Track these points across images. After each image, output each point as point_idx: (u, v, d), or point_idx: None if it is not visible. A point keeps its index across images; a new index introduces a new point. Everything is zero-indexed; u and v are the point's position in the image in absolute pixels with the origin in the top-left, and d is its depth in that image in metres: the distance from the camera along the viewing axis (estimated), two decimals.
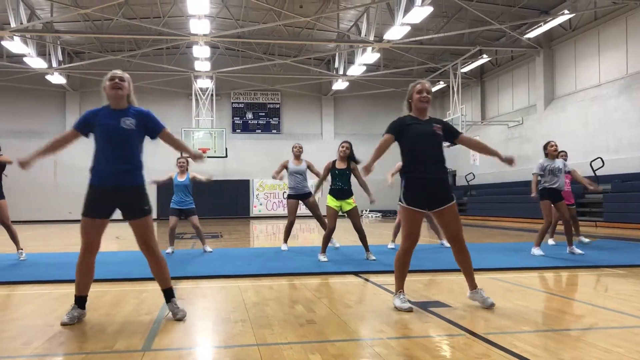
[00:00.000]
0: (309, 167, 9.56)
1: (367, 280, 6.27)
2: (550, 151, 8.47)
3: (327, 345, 3.55)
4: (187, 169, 9.40)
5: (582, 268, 7.13)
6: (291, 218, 9.77)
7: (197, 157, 4.78)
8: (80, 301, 4.33)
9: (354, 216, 8.14)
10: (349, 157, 8.18)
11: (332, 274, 6.76)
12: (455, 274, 6.42)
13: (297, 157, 9.60)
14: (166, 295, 4.42)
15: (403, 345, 3.53)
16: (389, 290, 5.54)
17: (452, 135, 4.85)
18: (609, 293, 5.54)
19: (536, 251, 8.32)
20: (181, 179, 9.32)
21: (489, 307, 4.57)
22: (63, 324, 4.13)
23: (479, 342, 3.57)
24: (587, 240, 10.29)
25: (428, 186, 4.60)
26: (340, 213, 8.11)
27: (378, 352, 3.35)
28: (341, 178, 8.10)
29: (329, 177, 8.32)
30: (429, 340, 3.66)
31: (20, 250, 8.40)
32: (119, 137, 4.23)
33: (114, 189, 4.23)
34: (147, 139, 4.43)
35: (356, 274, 6.71)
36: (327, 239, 8.07)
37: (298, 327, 4.02)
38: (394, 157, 4.95)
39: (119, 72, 4.38)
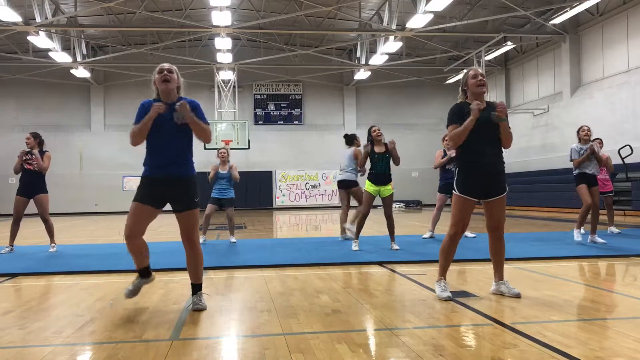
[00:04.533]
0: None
1: (392, 270, 6.25)
2: (582, 136, 8.38)
3: (353, 335, 3.54)
4: (228, 160, 9.51)
5: (610, 257, 7.02)
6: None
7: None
8: (143, 272, 4.51)
9: (387, 202, 8.06)
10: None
11: (357, 264, 6.75)
12: (482, 264, 6.37)
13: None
14: (193, 289, 4.47)
15: (430, 334, 3.51)
16: (414, 280, 5.52)
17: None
18: (638, 282, 5.44)
19: (576, 234, 8.33)
20: (223, 170, 9.43)
21: (515, 296, 4.52)
22: (127, 295, 4.46)
23: (506, 331, 3.53)
24: (617, 231, 10.11)
25: (485, 175, 4.54)
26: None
27: (404, 342, 3.34)
28: (381, 162, 7.98)
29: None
30: (456, 330, 3.63)
31: (53, 244, 8.58)
32: (170, 130, 4.26)
33: (165, 180, 4.27)
34: None
35: (381, 264, 6.70)
36: (360, 225, 8.04)
37: (324, 317, 4.02)
38: (415, 150, 4.88)
39: (166, 65, 4.38)
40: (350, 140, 9.73)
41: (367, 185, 8.05)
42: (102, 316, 4.18)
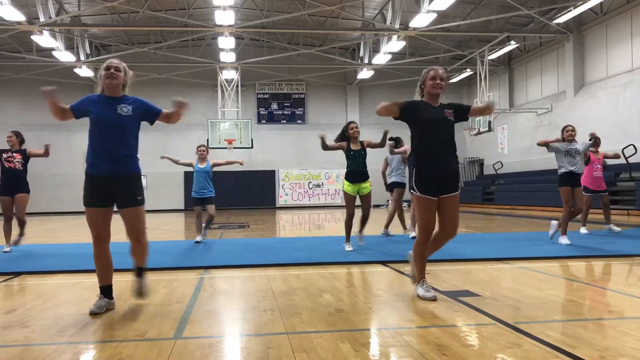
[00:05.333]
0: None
1: (395, 269, 6.25)
2: (566, 136, 8.35)
3: (357, 334, 3.54)
4: (206, 157, 9.53)
5: (613, 257, 7.00)
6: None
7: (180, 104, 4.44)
8: (106, 291, 4.35)
9: (366, 201, 7.94)
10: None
11: (359, 264, 6.74)
12: (484, 264, 6.36)
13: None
14: (137, 271, 4.47)
15: (433, 334, 3.50)
16: None
17: (463, 112, 4.79)
18: None
19: (563, 240, 8.20)
20: (202, 165, 9.42)
21: (431, 299, 4.43)
22: (92, 314, 4.16)
23: (510, 331, 3.52)
24: (617, 229, 10.08)
25: (439, 173, 4.54)
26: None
27: (408, 341, 3.33)
28: (357, 160, 7.90)
29: (343, 160, 8.15)
30: (459, 330, 3.63)
31: (9, 246, 8.41)
32: (114, 125, 4.23)
33: (109, 178, 4.21)
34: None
35: (384, 263, 6.69)
36: (348, 226, 7.97)
37: (327, 316, 4.02)
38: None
39: (115, 62, 4.36)
40: (396, 142, 9.80)
41: (345, 186, 7.96)
42: (105, 315, 4.19)
